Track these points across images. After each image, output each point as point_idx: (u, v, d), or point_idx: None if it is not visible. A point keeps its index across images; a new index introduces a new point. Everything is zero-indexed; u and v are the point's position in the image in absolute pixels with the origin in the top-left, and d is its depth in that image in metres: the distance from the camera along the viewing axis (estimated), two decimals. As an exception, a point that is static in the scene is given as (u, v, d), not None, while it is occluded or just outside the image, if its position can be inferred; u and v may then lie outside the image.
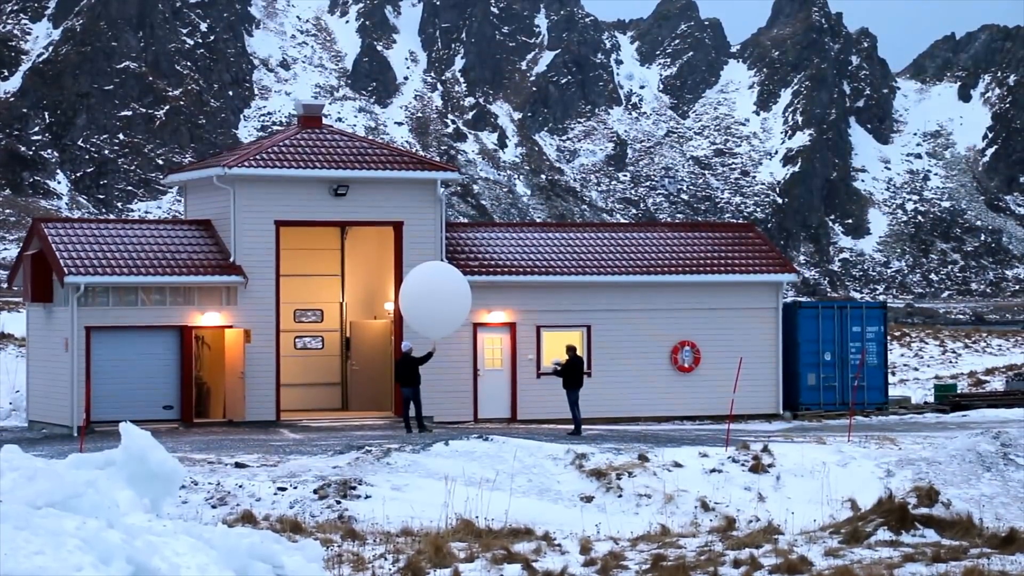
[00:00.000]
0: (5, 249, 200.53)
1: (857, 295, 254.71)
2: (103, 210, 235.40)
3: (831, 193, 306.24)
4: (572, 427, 47.62)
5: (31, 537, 15.57)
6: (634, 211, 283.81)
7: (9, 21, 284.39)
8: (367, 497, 33.43)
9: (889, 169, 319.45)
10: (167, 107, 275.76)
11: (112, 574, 15.63)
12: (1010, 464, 38.82)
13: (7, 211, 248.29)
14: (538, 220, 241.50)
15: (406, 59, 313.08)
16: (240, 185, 52.24)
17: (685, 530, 30.59)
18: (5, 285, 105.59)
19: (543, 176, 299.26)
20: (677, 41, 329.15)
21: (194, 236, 52.66)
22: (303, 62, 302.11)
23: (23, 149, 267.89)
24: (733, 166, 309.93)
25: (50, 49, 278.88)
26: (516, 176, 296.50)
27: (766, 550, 24.52)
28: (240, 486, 34.41)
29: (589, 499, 34.73)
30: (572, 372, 49.08)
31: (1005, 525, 28.26)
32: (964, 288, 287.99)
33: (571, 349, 49.91)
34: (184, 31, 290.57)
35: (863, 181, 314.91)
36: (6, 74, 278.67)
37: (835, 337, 55.85)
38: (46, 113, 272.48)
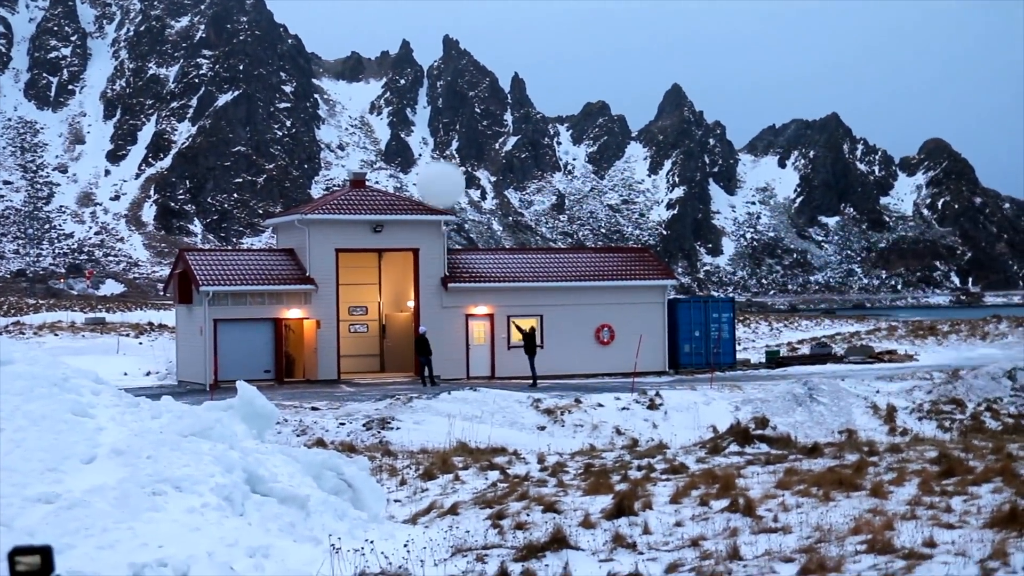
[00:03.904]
0: (162, 270, 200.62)
1: (715, 293, 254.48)
2: (224, 243, 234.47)
3: (698, 227, 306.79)
4: (531, 381, 47.64)
5: (174, 457, 15.53)
6: (570, 240, 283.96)
7: (165, 122, 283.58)
8: (397, 428, 33.59)
9: (735, 212, 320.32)
10: (264, 176, 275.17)
11: (233, 479, 15.60)
12: (814, 401, 39.06)
13: (163, 245, 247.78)
14: (507, 246, 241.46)
15: (420, 142, 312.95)
16: (312, 226, 52.45)
17: (606, 447, 30.59)
18: (163, 292, 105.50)
19: (510, 218, 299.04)
20: (597, 129, 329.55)
21: (283, 260, 52.85)
22: (353, 145, 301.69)
23: (173, 204, 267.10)
24: (634, 210, 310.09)
25: (190, 139, 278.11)
26: (493, 218, 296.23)
27: (658, 459, 24.54)
28: (315, 422, 34.60)
29: (542, 428, 34.79)
30: (530, 343, 49.27)
31: (811, 440, 28.28)
32: (783, 288, 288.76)
33: (532, 329, 50.19)
34: (276, 126, 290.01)
35: (718, 220, 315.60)
36: (163, 156, 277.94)
37: (701, 320, 56.13)
38: (187, 181, 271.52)
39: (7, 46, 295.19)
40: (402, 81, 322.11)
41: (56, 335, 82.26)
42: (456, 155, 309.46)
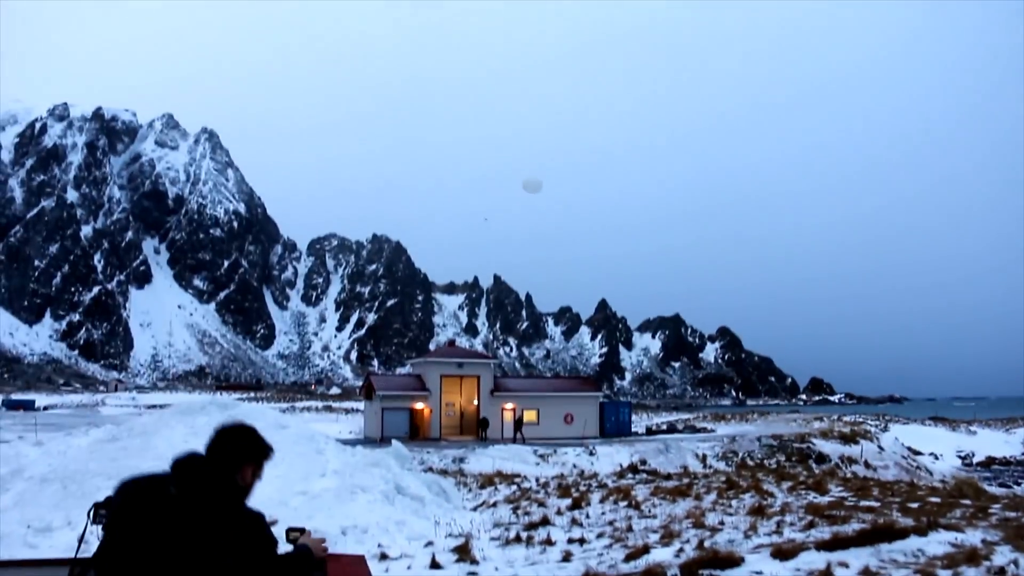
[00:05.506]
0: (359, 382, 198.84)
1: (622, 399, 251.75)
2: (388, 371, 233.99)
3: (613, 367, 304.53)
4: (522, 439, 46.40)
5: (362, 475, 15.35)
6: (552, 372, 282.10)
7: (363, 314, 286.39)
8: (467, 462, 32.84)
9: (631, 360, 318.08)
10: (407, 339, 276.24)
11: (389, 487, 15.31)
12: (668, 451, 38.03)
13: (360, 371, 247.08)
14: (522, 375, 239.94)
15: (481, 324, 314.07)
16: (429, 364, 51.94)
17: (568, 474, 29.96)
18: (359, 393, 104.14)
19: (524, 361, 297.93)
20: (566, 318, 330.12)
21: (415, 380, 51.78)
22: (449, 325, 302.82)
23: (365, 352, 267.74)
24: (583, 359, 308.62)
25: (374, 321, 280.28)
26: (516, 361, 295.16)
27: (594, 480, 24.04)
28: (427, 458, 33.80)
29: (538, 464, 34.02)
30: (519, 423, 48.17)
31: (667, 471, 27.70)
32: (653, 396, 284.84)
33: (518, 418, 48.67)
34: (414, 316, 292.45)
35: (623, 363, 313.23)
36: (361, 329, 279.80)
37: (615, 412, 54.38)
38: (372, 341, 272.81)
39: (295, 279, 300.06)
40: (474, 295, 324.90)
41: (309, 412, 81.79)
42: (499, 332, 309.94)
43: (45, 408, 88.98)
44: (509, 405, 51.35)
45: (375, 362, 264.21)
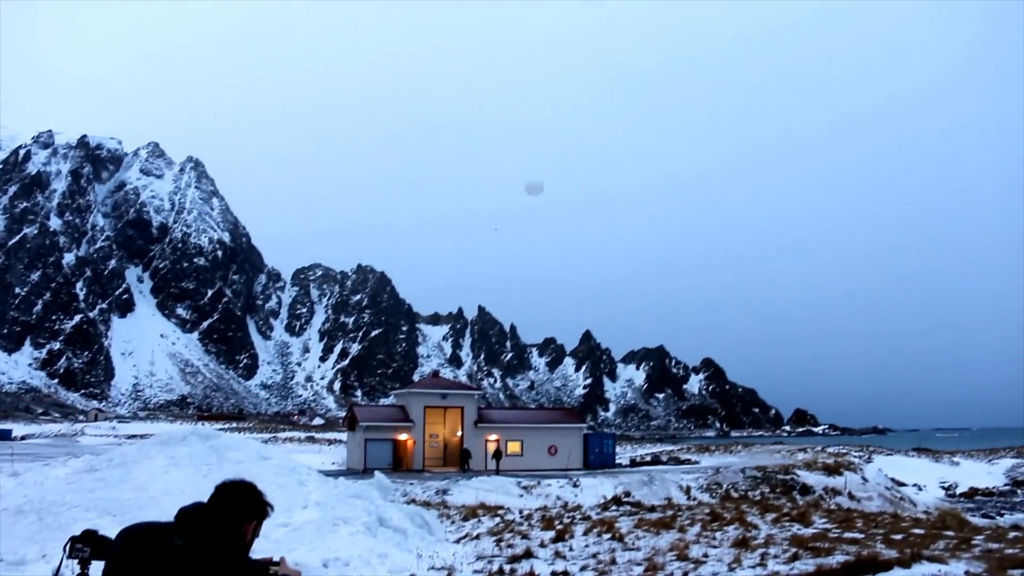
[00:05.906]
0: (342, 413, 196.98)
1: (606, 430, 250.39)
2: (371, 401, 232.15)
3: (597, 399, 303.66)
4: (497, 470, 46.02)
5: (344, 507, 15.21)
6: (536, 403, 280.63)
7: (347, 344, 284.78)
8: (451, 494, 32.43)
9: (615, 391, 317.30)
10: (391, 370, 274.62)
11: (372, 519, 15.16)
12: (652, 483, 37.65)
13: (343, 402, 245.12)
14: (506, 406, 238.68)
15: (465, 355, 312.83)
16: (412, 395, 51.63)
17: (552, 506, 29.67)
18: (341, 424, 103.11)
19: (508, 392, 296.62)
20: (550, 349, 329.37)
21: (398, 411, 51.39)
22: (433, 356, 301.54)
23: (348, 383, 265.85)
24: (567, 390, 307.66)
25: (358, 352, 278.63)
26: (500, 392, 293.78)
27: (577, 512, 23.84)
28: (411, 490, 33.39)
29: (521, 496, 33.65)
30: (498, 454, 47.83)
31: (651, 503, 27.52)
32: (638, 428, 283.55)
33: (498, 449, 48.27)
34: (398, 347, 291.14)
35: (607, 395, 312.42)
36: (345, 359, 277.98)
37: (599, 443, 54.12)
38: (356, 372, 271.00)
39: (279, 309, 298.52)
40: (458, 325, 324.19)
41: (292, 443, 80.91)
42: (483, 363, 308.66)
43: (23, 438, 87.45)
44: (493, 436, 50.84)
45: (358, 392, 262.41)
